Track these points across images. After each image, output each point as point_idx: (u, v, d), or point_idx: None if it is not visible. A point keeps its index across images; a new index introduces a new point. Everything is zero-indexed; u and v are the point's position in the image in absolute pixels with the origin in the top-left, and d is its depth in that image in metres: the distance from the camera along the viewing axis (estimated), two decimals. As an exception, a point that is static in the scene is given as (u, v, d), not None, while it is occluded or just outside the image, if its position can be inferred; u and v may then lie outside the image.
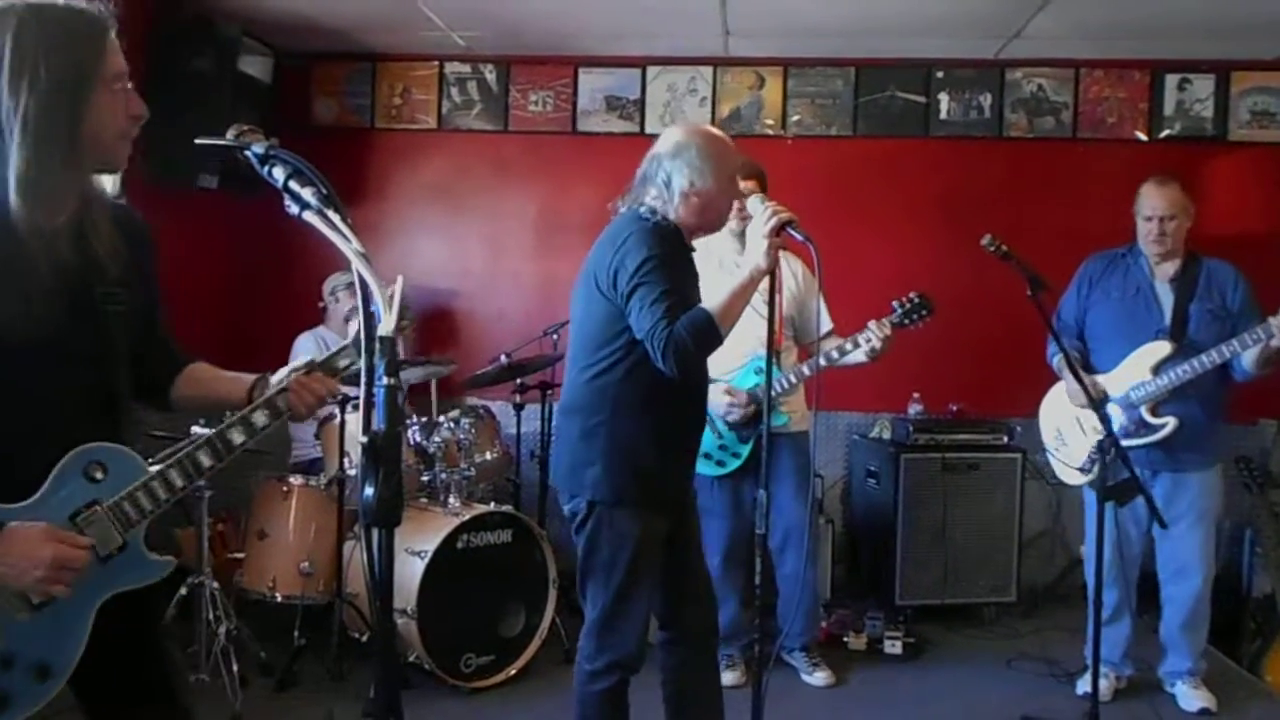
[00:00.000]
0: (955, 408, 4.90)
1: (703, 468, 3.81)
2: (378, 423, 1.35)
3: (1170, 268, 3.71)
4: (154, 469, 1.71)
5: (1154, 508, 3.18)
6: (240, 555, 4.04)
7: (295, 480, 4.01)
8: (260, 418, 1.80)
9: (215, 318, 4.95)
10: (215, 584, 3.62)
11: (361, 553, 3.64)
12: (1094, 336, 3.75)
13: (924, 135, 5.21)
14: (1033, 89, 5.16)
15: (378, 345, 1.34)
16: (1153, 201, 3.67)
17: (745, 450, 3.74)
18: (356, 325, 3.69)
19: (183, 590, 3.60)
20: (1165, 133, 5.11)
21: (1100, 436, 3.58)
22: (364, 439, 1.33)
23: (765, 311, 2.66)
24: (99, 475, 1.66)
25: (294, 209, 1.47)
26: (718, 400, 3.68)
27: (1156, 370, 3.57)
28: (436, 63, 5.38)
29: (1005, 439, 4.68)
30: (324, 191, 1.47)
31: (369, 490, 1.33)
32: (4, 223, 1.57)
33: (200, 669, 3.52)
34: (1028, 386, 4.13)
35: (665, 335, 2.35)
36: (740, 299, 2.41)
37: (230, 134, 1.55)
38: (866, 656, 4.17)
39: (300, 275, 4.77)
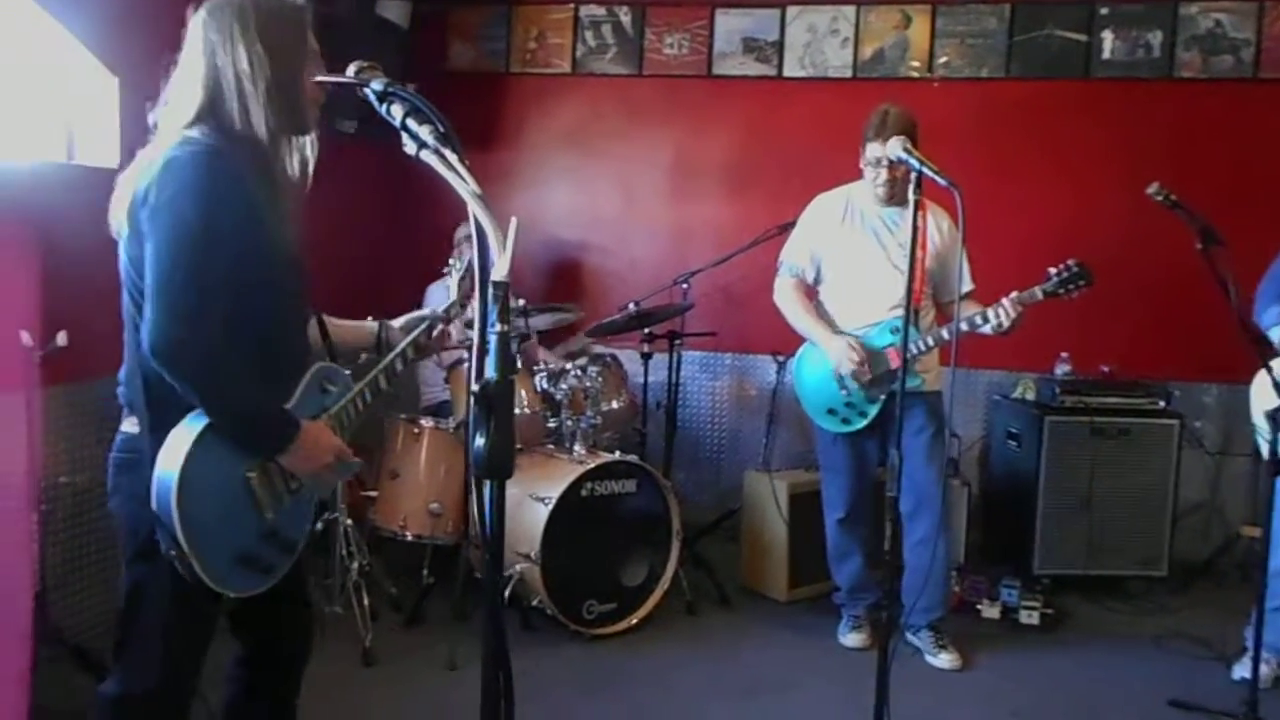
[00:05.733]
0: (1107, 369, 4.61)
1: (827, 424, 3.71)
2: (490, 371, 1.31)
3: None
4: (356, 386, 2.09)
5: None
6: (374, 494, 4.15)
7: (426, 422, 4.07)
8: (410, 352, 2.24)
9: (349, 262, 5.05)
10: (349, 521, 3.72)
11: (472, 505, 3.68)
12: None
13: (1084, 77, 4.86)
14: (1209, 25, 4.74)
15: (491, 290, 1.28)
16: None
17: (873, 410, 3.59)
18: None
19: (319, 525, 3.71)
20: (1361, 73, 4.63)
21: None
22: (475, 388, 1.28)
23: (905, 267, 2.52)
24: (330, 388, 2.03)
25: (411, 148, 1.43)
26: (840, 352, 3.55)
27: None
28: (572, 5, 5.31)
29: (1161, 403, 4.39)
30: (441, 130, 1.42)
31: (479, 440, 1.29)
32: (258, 161, 1.84)
33: (334, 602, 3.65)
34: (1189, 348, 3.85)
35: None
36: None
37: (350, 71, 1.52)
38: (1000, 626, 4.00)
39: (432, 223, 4.79)
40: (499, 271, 1.27)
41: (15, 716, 2.44)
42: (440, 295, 4.61)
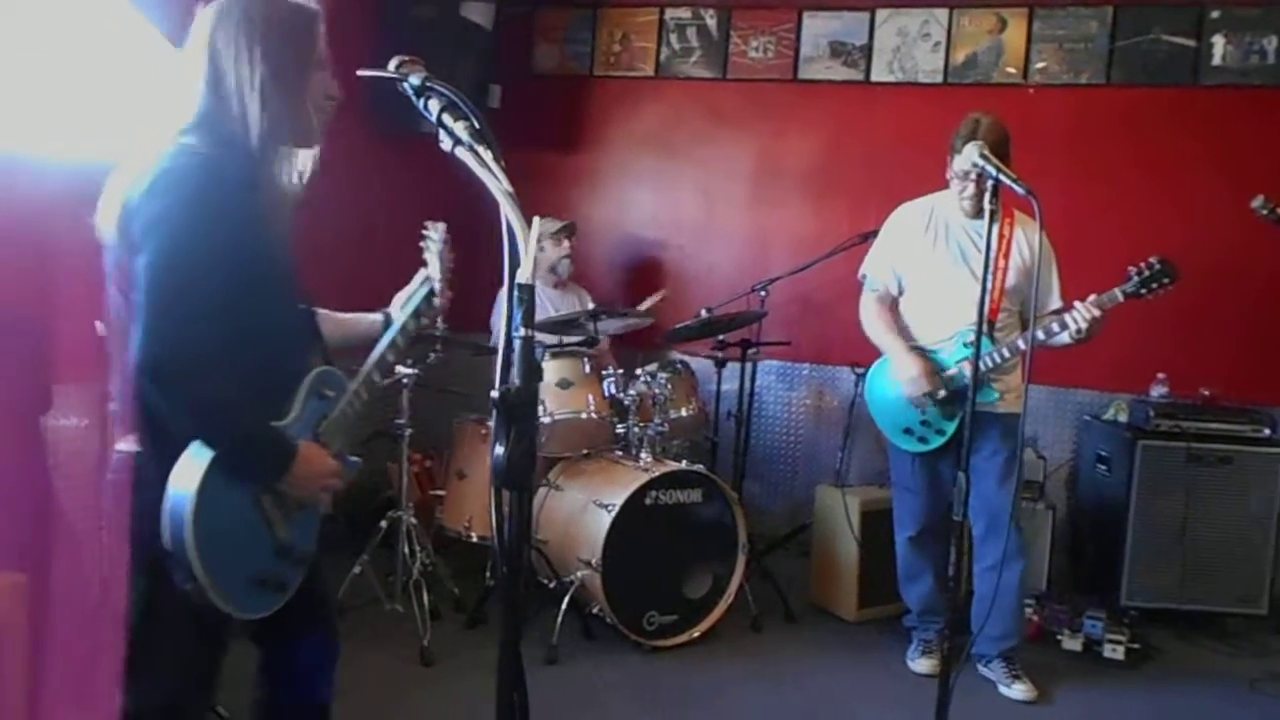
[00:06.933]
0: (1207, 392, 4.36)
1: (904, 444, 3.58)
2: (515, 377, 1.26)
3: None
4: (350, 386, 2.02)
5: None
6: (442, 493, 4.15)
7: (494, 423, 4.05)
8: (411, 324, 2.15)
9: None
10: (413, 519, 3.73)
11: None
12: None
13: (1192, 84, 4.62)
14: (1331, 29, 4.46)
15: (516, 293, 1.24)
16: None
17: (950, 427, 3.45)
18: (556, 273, 3.80)
19: (383, 523, 3.73)
20: None
21: None
22: (496, 394, 1.24)
23: (984, 279, 2.40)
24: (328, 393, 1.96)
25: (447, 145, 1.39)
26: (910, 380, 3.45)
27: None
28: (657, 8, 5.27)
29: (1266, 431, 4.13)
30: (477, 126, 1.38)
31: (499, 449, 1.24)
32: (252, 173, 1.79)
33: (395, 599, 3.66)
34: (1298, 373, 3.62)
35: None
36: None
37: (391, 65, 1.49)
38: (1081, 659, 3.80)
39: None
40: (522, 273, 1.22)
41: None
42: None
